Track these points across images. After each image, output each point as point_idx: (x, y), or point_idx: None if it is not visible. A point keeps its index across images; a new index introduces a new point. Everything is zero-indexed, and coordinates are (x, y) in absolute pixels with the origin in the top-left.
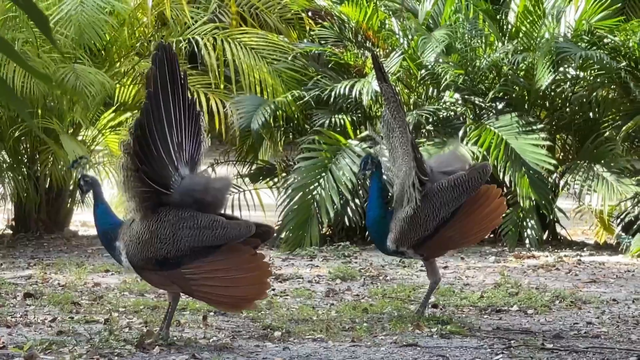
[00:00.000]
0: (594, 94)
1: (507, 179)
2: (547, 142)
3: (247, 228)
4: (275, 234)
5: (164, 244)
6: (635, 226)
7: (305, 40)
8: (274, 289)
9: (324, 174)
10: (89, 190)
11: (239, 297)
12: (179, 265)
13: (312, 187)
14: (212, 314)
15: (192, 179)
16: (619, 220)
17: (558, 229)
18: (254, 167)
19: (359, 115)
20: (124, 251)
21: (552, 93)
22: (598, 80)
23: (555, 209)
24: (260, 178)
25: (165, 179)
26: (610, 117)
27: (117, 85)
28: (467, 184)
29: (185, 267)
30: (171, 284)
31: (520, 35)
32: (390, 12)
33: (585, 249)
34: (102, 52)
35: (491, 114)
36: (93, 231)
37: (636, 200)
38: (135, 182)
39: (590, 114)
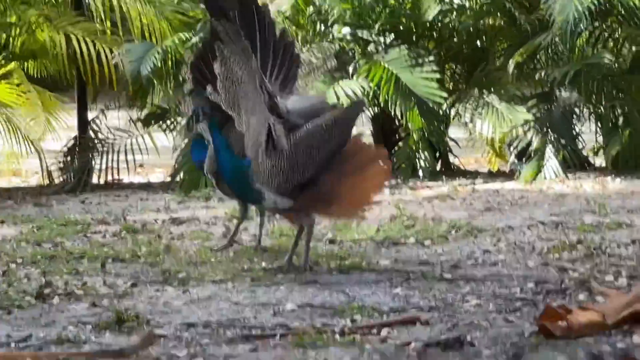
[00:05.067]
0: (481, 22)
1: (397, 113)
2: (437, 75)
3: (360, 103)
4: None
5: (307, 163)
6: (528, 153)
7: None
8: (172, 232)
9: None
10: (203, 120)
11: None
12: (319, 180)
13: None
14: (110, 260)
15: (294, 101)
16: (511, 147)
17: (451, 158)
18: (145, 111)
19: None
20: (268, 189)
21: (440, 24)
22: (484, 9)
23: (447, 139)
24: (153, 122)
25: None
26: (499, 45)
27: (4, 35)
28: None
29: (323, 178)
30: (315, 205)
31: None
32: None
33: (479, 177)
34: None
35: (380, 48)
36: None
37: (527, 127)
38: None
39: (478, 43)
